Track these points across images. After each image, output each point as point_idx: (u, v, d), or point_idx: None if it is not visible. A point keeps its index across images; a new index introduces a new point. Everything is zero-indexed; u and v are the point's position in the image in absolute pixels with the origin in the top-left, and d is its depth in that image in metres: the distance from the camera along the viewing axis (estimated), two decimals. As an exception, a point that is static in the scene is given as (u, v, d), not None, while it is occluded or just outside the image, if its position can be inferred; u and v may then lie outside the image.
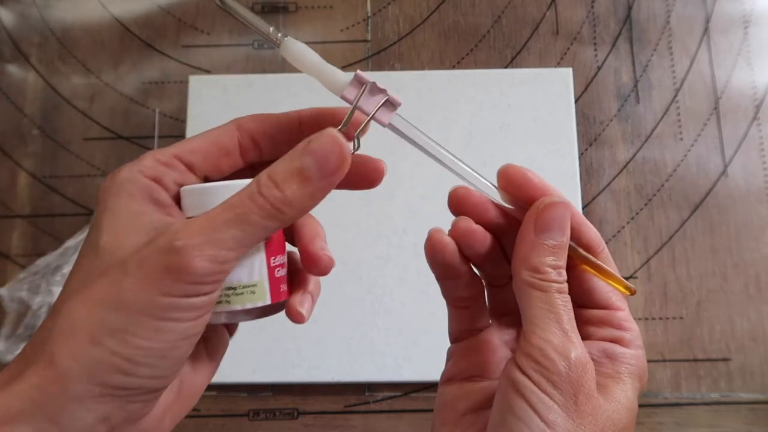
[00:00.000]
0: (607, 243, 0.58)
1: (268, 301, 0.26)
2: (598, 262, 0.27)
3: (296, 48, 0.26)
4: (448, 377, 0.29)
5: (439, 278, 0.28)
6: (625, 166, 0.60)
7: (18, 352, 0.54)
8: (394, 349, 0.54)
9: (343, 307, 0.55)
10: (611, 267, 0.27)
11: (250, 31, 0.64)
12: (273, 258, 0.26)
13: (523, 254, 0.25)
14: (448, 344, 0.31)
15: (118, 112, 0.62)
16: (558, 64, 0.62)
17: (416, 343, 0.55)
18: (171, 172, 0.25)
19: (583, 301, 0.27)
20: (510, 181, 0.26)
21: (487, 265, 0.28)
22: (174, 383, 0.25)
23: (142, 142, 0.61)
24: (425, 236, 0.27)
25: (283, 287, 0.27)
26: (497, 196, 0.26)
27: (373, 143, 0.64)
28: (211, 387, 0.55)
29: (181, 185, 0.25)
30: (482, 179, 0.26)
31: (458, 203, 0.27)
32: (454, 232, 0.27)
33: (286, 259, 0.27)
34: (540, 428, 0.22)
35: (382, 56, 0.62)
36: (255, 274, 0.25)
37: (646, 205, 0.59)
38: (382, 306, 0.55)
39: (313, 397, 0.55)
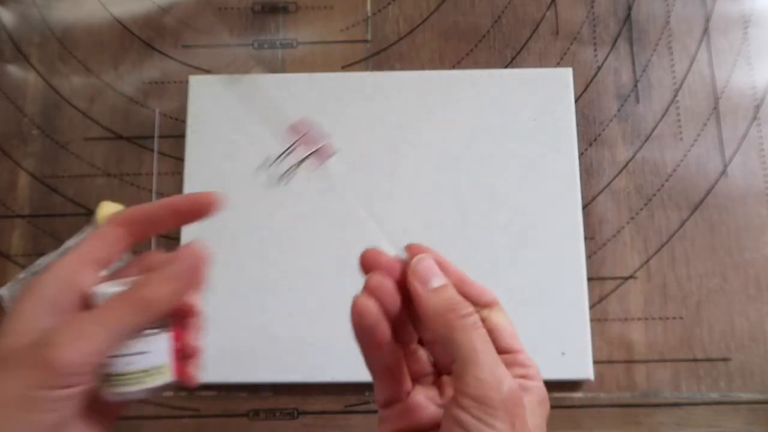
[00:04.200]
0: (607, 243, 0.58)
1: (170, 379, 0.29)
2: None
3: None
4: None
5: (365, 348, 0.31)
6: (625, 166, 0.60)
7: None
8: (394, 349, 0.54)
9: (343, 307, 0.55)
10: (506, 319, 0.31)
11: (250, 31, 0.64)
12: (176, 342, 0.30)
13: (424, 306, 0.29)
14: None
15: (118, 112, 0.62)
16: (558, 64, 0.62)
17: (416, 343, 0.55)
18: (80, 275, 0.28)
19: None
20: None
21: (400, 329, 0.31)
22: None
23: (142, 142, 0.61)
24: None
25: (177, 362, 0.31)
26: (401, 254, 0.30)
27: (374, 141, 0.63)
28: (211, 387, 0.55)
29: (91, 284, 0.29)
30: (387, 243, 0.30)
31: (368, 266, 0.30)
32: (368, 287, 0.30)
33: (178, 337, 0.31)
34: None
35: (382, 56, 0.62)
36: (159, 357, 0.29)
37: (646, 205, 0.59)
38: (382, 306, 0.55)
39: (313, 397, 0.55)
